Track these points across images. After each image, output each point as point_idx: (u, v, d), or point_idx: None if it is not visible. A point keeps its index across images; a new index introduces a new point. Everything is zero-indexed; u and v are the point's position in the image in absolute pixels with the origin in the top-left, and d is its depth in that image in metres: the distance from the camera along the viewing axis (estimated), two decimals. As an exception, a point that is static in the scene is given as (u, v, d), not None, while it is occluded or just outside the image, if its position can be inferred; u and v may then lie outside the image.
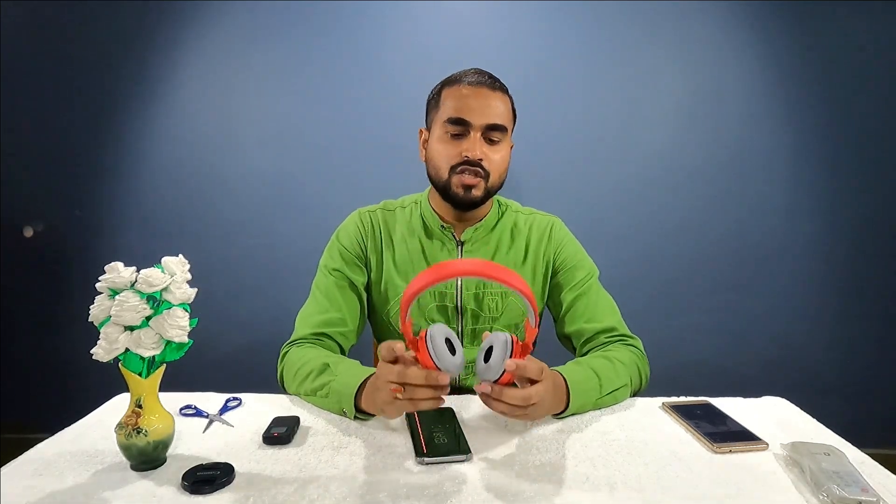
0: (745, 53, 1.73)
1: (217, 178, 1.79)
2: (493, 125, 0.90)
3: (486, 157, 0.90)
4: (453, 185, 0.91)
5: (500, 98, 0.92)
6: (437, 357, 0.60)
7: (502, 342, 0.63)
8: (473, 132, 0.89)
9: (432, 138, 0.94)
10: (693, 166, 1.76)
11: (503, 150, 0.93)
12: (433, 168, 0.94)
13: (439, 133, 0.92)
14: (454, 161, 0.90)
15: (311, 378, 0.82)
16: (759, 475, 0.63)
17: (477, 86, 0.90)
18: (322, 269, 1.00)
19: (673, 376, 1.64)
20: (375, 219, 1.02)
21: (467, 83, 0.91)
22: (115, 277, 0.61)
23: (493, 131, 0.90)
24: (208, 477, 0.61)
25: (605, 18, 1.72)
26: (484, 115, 0.89)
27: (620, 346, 0.91)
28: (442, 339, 0.62)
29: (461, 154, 0.90)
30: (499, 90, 0.92)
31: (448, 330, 0.64)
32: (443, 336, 0.62)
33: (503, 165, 0.94)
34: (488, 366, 0.62)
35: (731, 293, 1.79)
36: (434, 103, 0.95)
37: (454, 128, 0.90)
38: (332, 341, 0.94)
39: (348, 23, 1.74)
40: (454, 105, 0.90)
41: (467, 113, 0.89)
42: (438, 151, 0.92)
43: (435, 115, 0.94)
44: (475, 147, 0.89)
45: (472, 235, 0.99)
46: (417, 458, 0.66)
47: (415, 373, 0.61)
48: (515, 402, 0.63)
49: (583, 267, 1.01)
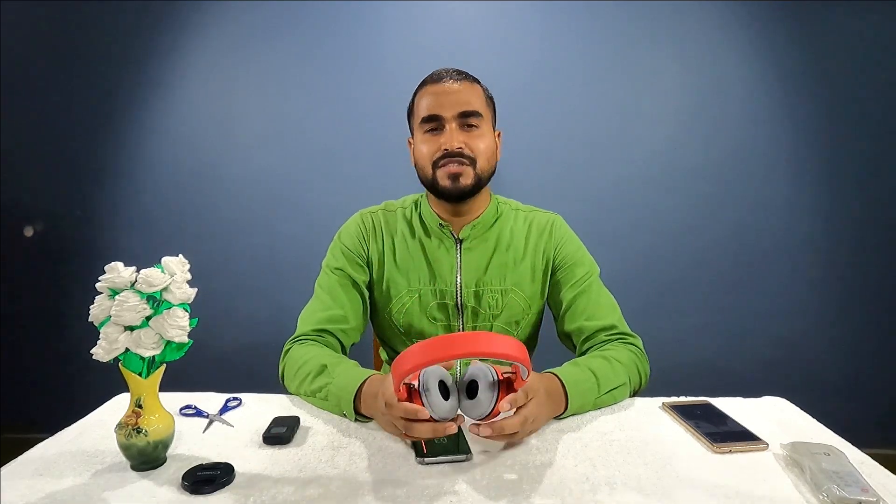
0: (745, 53, 1.73)
1: (217, 178, 1.79)
2: (464, 112, 0.92)
3: (467, 144, 0.92)
4: (439, 179, 0.93)
5: (466, 87, 0.94)
6: (434, 411, 0.63)
7: (487, 380, 0.65)
8: (448, 124, 0.92)
9: (415, 143, 0.98)
10: (693, 166, 1.76)
11: (486, 136, 0.95)
12: (420, 169, 0.97)
13: (419, 136, 0.96)
14: (435, 156, 0.93)
15: (309, 380, 0.83)
16: (759, 475, 0.63)
17: (442, 82, 0.94)
18: (325, 268, 1.01)
19: (673, 376, 1.63)
20: (377, 219, 1.03)
21: (433, 81, 0.95)
22: (115, 277, 0.61)
23: (468, 118, 0.93)
24: (208, 477, 0.60)
25: (605, 18, 1.72)
26: (454, 105, 0.92)
27: (619, 345, 0.91)
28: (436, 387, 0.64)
29: (440, 148, 0.92)
30: (465, 80, 0.95)
31: (441, 372, 0.66)
32: (435, 382, 0.64)
33: (489, 150, 0.95)
34: (475, 403, 0.64)
35: (731, 293, 1.79)
36: (411, 111, 1.00)
37: (429, 125, 0.93)
38: (333, 338, 0.94)
39: (348, 23, 1.74)
40: (426, 104, 0.94)
41: (438, 108, 0.92)
42: (421, 151, 0.95)
43: (413, 121, 0.98)
44: (452, 137, 0.91)
45: (471, 233, 0.99)
46: (417, 458, 0.66)
47: (420, 429, 0.64)
48: (515, 430, 0.65)
49: (583, 264, 1.01)
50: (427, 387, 0.63)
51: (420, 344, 0.60)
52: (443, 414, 0.63)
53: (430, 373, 0.65)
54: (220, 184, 1.79)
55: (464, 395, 0.66)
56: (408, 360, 0.60)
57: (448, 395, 0.65)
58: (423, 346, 0.59)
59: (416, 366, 0.59)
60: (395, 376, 0.62)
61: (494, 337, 0.60)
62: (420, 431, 0.64)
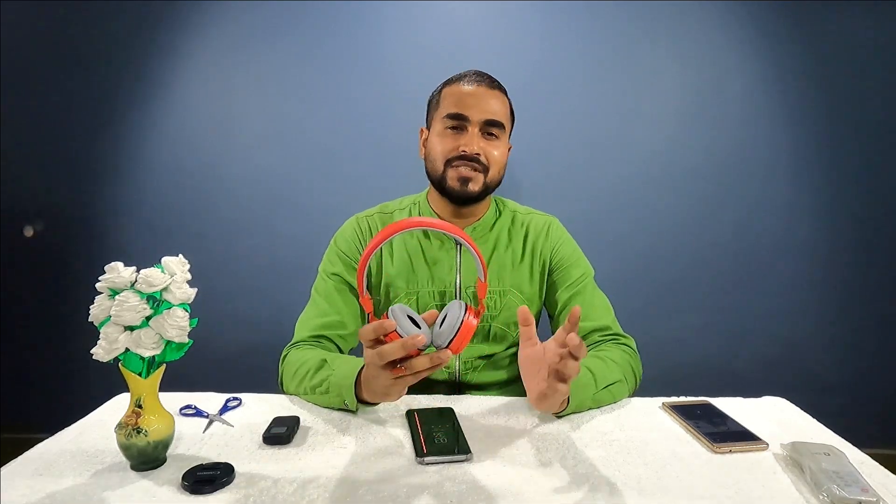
0: (745, 53, 1.72)
1: (217, 178, 1.79)
2: (491, 121, 0.93)
3: (484, 151, 0.93)
4: (449, 179, 0.93)
5: (498, 97, 0.95)
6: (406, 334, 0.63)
7: (455, 307, 0.66)
8: (472, 127, 0.92)
9: (432, 134, 0.97)
10: (693, 166, 1.76)
11: (501, 147, 0.96)
12: (430, 162, 0.97)
13: (439, 129, 0.95)
14: (451, 154, 0.93)
15: (309, 376, 0.82)
16: (759, 475, 0.63)
17: (476, 84, 0.94)
18: (321, 273, 1.01)
19: (673, 376, 1.64)
20: (373, 223, 1.03)
21: (467, 81, 0.95)
22: (115, 277, 0.61)
23: (492, 127, 0.93)
24: (208, 477, 0.60)
25: (605, 18, 1.72)
26: (482, 112, 0.92)
27: (612, 346, 0.92)
28: (405, 316, 0.65)
29: (458, 148, 0.92)
30: (497, 89, 0.96)
31: (406, 308, 0.67)
32: (405, 314, 0.65)
33: (502, 161, 0.96)
34: (445, 324, 0.64)
35: (731, 293, 1.79)
36: (435, 102, 0.99)
37: (453, 122, 0.93)
38: (331, 343, 0.94)
39: (348, 23, 1.74)
40: (454, 101, 0.93)
41: (466, 108, 0.92)
42: (436, 145, 0.95)
43: (435, 112, 0.97)
44: (473, 141, 0.92)
45: (471, 234, 0.99)
46: (417, 458, 0.66)
47: (391, 347, 0.62)
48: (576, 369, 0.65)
49: (579, 266, 1.01)
50: (393, 313, 0.64)
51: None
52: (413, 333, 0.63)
53: (396, 308, 0.65)
54: (220, 184, 1.79)
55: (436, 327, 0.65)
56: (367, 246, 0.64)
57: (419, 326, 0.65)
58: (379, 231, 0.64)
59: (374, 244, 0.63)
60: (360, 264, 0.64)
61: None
62: (390, 349, 0.62)
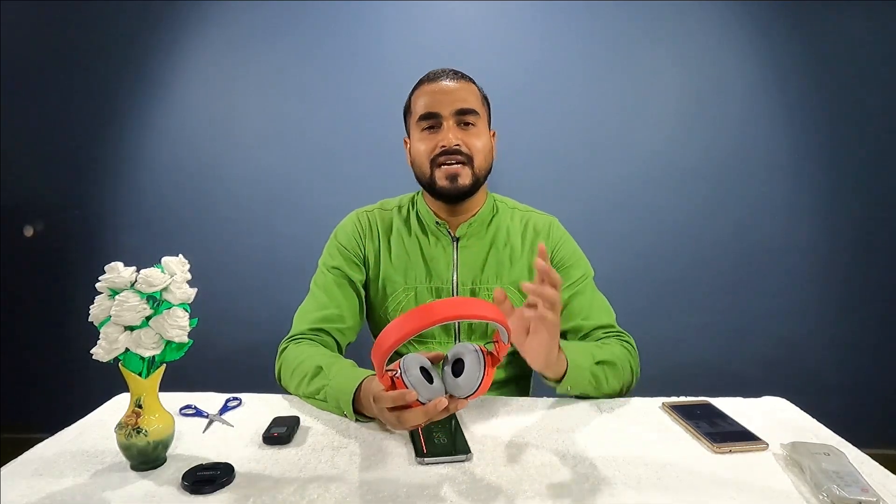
0: (744, 53, 1.72)
1: (217, 178, 1.79)
2: (462, 110, 0.93)
3: (463, 141, 0.93)
4: (438, 179, 0.94)
5: (464, 86, 0.95)
6: (421, 393, 0.60)
7: (473, 354, 0.62)
8: (445, 121, 0.93)
9: (412, 141, 0.98)
10: (693, 166, 1.76)
11: (482, 135, 0.96)
12: (417, 167, 0.97)
13: (417, 134, 0.96)
14: (433, 153, 0.93)
15: (305, 382, 0.83)
16: (759, 475, 0.63)
17: (439, 80, 0.95)
18: (321, 266, 1.01)
19: (673, 376, 1.64)
20: (373, 218, 1.03)
21: (430, 80, 0.96)
22: (115, 277, 0.61)
23: (465, 115, 0.94)
24: (208, 477, 0.61)
25: (605, 18, 1.72)
26: (451, 103, 0.93)
27: (613, 340, 0.93)
28: (416, 370, 0.62)
29: (438, 145, 0.92)
30: (462, 80, 0.96)
31: (420, 358, 0.64)
32: (417, 365, 0.62)
33: (485, 149, 0.96)
34: (464, 377, 0.61)
35: (731, 293, 1.79)
36: (407, 110, 1.00)
37: (427, 122, 0.94)
38: (329, 337, 0.94)
39: (348, 23, 1.74)
40: (423, 103, 0.94)
41: (435, 106, 0.93)
42: (418, 149, 0.95)
43: (410, 119, 0.99)
44: (449, 135, 0.92)
45: (467, 231, 0.99)
46: (417, 458, 0.66)
47: (414, 416, 0.62)
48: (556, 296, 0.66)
49: (579, 266, 1.01)
50: (407, 369, 0.61)
51: (395, 320, 0.57)
52: (430, 395, 0.60)
53: (408, 360, 0.63)
54: (220, 184, 1.79)
55: (450, 376, 0.63)
56: (387, 339, 0.56)
57: (432, 379, 0.62)
58: (399, 320, 0.56)
59: (396, 341, 0.55)
60: (377, 358, 0.59)
61: (470, 300, 0.59)
62: (413, 417, 0.62)
